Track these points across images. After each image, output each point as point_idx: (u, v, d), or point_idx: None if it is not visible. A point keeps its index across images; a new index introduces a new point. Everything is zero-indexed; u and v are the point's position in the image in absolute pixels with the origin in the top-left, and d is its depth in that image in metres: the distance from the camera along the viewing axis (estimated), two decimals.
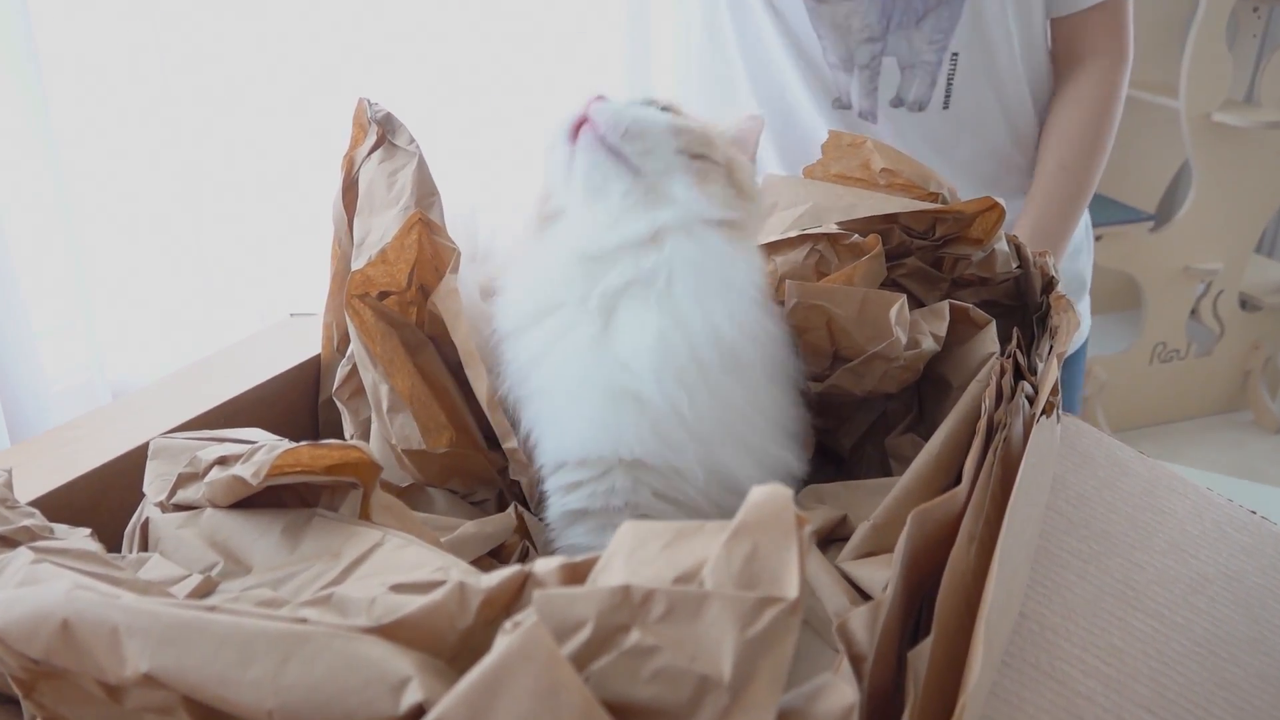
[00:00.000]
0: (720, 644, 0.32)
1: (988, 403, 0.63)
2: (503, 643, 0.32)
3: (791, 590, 0.33)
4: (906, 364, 0.72)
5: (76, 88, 1.04)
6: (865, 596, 0.62)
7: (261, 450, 0.52)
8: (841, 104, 1.22)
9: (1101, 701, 0.57)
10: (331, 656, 0.33)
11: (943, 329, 0.73)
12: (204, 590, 0.45)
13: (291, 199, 1.25)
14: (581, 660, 0.32)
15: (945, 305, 0.75)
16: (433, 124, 1.47)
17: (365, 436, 0.77)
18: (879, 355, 0.71)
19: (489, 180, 1.60)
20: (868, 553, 0.64)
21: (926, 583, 0.52)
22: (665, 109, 0.70)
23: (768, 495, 0.35)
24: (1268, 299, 3.09)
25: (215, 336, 1.18)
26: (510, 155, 1.63)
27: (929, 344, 0.72)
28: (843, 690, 0.34)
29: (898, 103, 1.18)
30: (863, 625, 0.41)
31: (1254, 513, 0.77)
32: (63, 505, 0.68)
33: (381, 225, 0.73)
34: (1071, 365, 1.34)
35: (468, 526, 0.64)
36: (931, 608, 0.48)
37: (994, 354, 0.71)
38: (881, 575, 0.61)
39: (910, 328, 0.72)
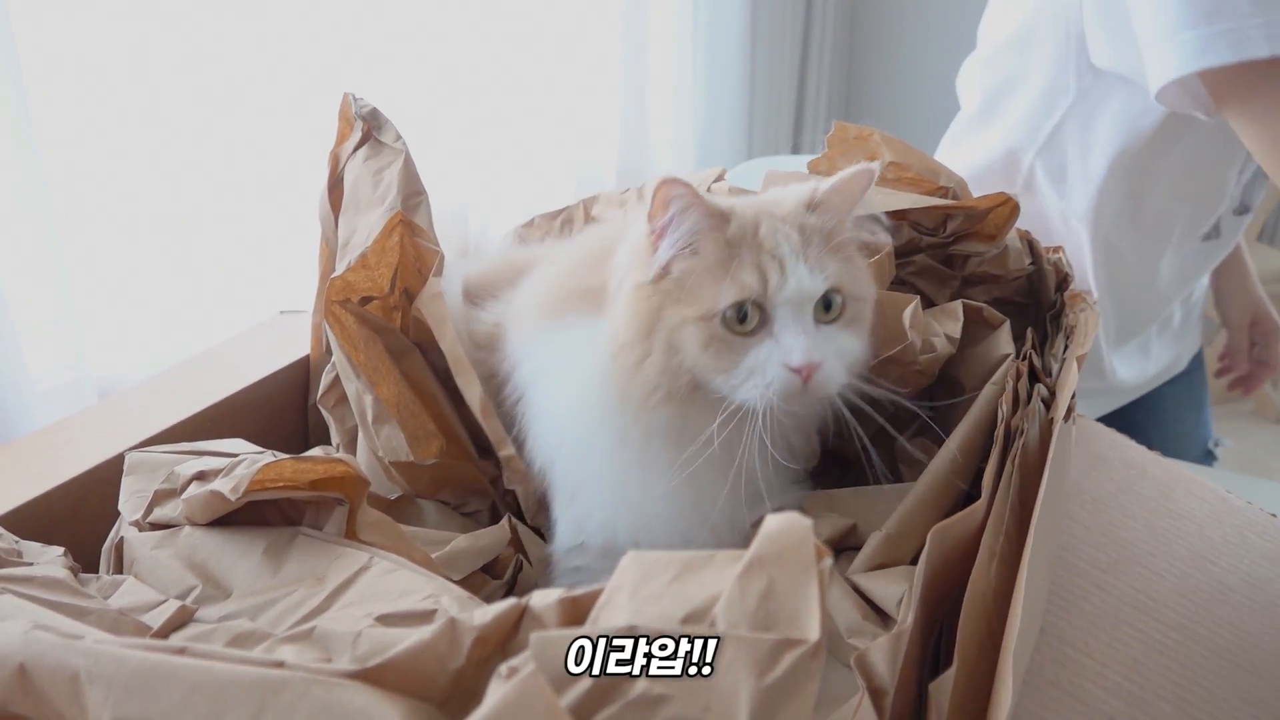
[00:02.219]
0: (736, 692, 0.29)
1: (1004, 409, 0.60)
2: (498, 692, 0.29)
3: (813, 631, 0.30)
4: (922, 368, 0.69)
5: (62, 82, 1.01)
6: (877, 610, 0.60)
7: (242, 464, 0.49)
8: (1212, 234, 1.17)
9: None
10: (310, 705, 0.31)
11: (957, 330, 0.71)
12: (179, 620, 0.42)
13: (282, 195, 1.22)
14: (583, 712, 0.29)
15: (959, 305, 0.72)
16: (433, 124, 1.45)
17: (351, 445, 0.74)
18: (893, 359, 0.68)
19: (489, 180, 1.58)
20: (880, 564, 0.62)
21: (945, 603, 0.50)
22: None
23: (784, 525, 0.32)
24: (1268, 287, 3.06)
25: (204, 332, 1.16)
26: (510, 155, 1.61)
27: (944, 346, 0.70)
28: None
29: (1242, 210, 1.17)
30: (884, 658, 0.39)
31: (1275, 516, 0.74)
32: (43, 513, 0.66)
33: (367, 225, 0.71)
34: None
35: (460, 541, 0.61)
36: (949, 629, 0.45)
37: (1009, 356, 0.68)
38: (895, 589, 0.58)
39: (924, 329, 0.70)
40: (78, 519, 0.67)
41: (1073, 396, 0.65)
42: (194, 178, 1.13)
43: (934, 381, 0.73)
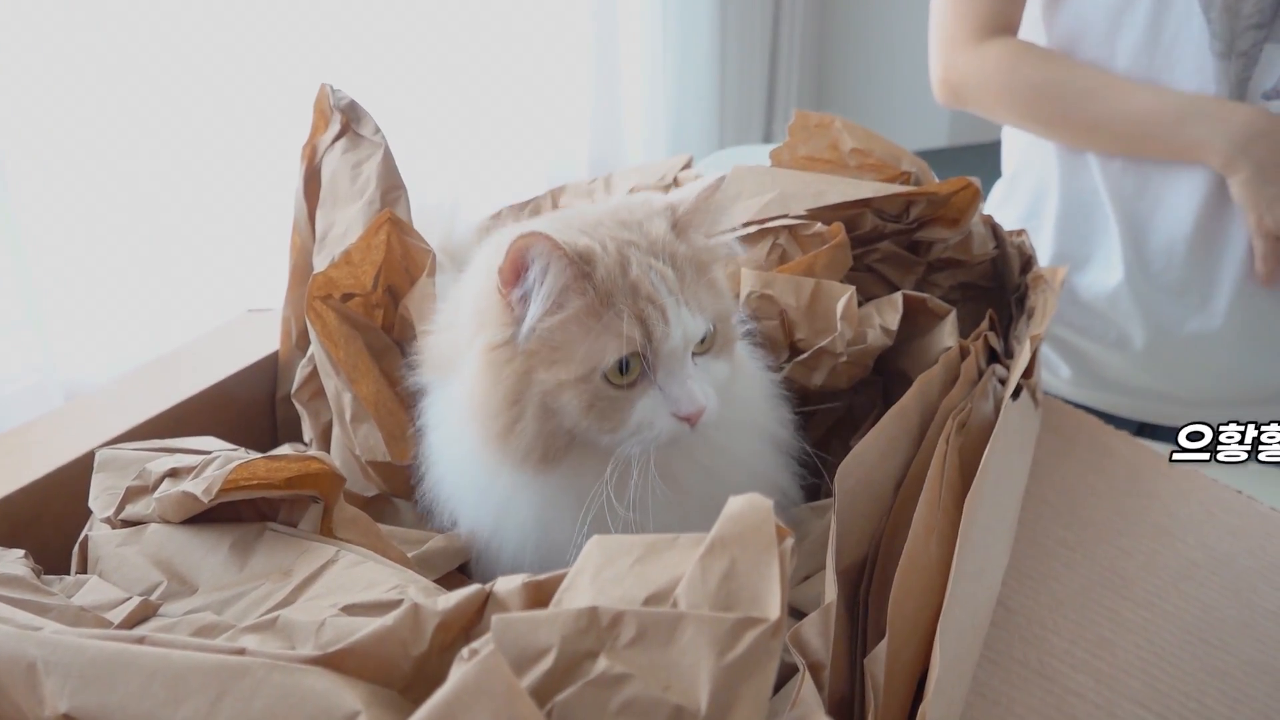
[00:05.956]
0: (696, 670, 0.29)
1: (927, 389, 0.59)
2: (458, 674, 0.29)
3: (773, 610, 0.30)
4: (852, 359, 0.68)
5: (20, 74, 1.00)
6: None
7: (214, 464, 0.49)
8: None
9: (1093, 697, 0.55)
10: (271, 690, 0.31)
11: (894, 320, 0.69)
12: (141, 615, 0.42)
13: (250, 191, 1.21)
14: (544, 693, 0.29)
15: (899, 296, 0.71)
16: (407, 114, 1.44)
17: (325, 439, 0.74)
18: (825, 350, 0.68)
19: (466, 170, 1.58)
20: (804, 578, 0.60)
21: (865, 572, 0.50)
22: None
23: (746, 506, 0.32)
24: None
25: (172, 331, 1.14)
26: (485, 144, 1.61)
27: (876, 337, 0.69)
28: None
29: (1273, 94, 1.09)
30: (816, 632, 0.39)
31: (1240, 492, 0.75)
32: (4, 516, 0.64)
33: (345, 219, 0.70)
34: None
35: (436, 541, 0.60)
36: (879, 610, 0.45)
37: (949, 348, 0.67)
38: (816, 591, 0.57)
39: (860, 321, 0.69)
40: (41, 522, 0.66)
41: (1031, 375, 0.65)
42: (159, 174, 1.12)
43: (885, 374, 0.73)
